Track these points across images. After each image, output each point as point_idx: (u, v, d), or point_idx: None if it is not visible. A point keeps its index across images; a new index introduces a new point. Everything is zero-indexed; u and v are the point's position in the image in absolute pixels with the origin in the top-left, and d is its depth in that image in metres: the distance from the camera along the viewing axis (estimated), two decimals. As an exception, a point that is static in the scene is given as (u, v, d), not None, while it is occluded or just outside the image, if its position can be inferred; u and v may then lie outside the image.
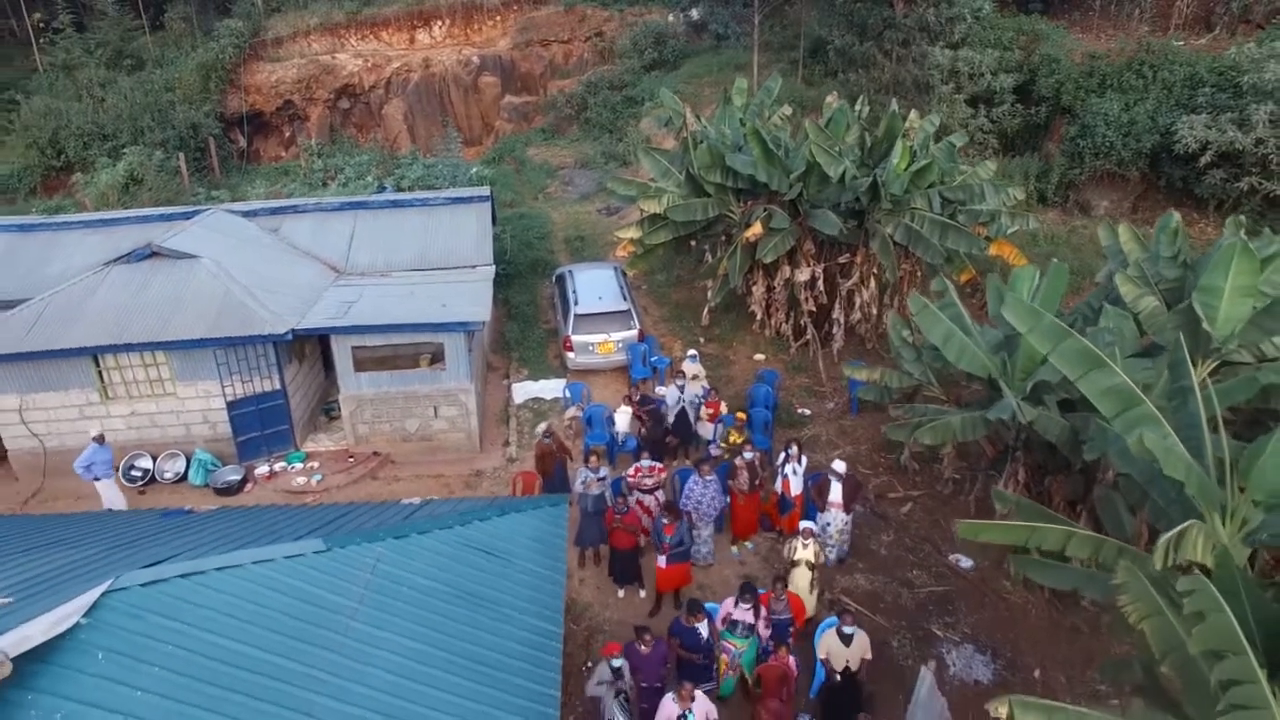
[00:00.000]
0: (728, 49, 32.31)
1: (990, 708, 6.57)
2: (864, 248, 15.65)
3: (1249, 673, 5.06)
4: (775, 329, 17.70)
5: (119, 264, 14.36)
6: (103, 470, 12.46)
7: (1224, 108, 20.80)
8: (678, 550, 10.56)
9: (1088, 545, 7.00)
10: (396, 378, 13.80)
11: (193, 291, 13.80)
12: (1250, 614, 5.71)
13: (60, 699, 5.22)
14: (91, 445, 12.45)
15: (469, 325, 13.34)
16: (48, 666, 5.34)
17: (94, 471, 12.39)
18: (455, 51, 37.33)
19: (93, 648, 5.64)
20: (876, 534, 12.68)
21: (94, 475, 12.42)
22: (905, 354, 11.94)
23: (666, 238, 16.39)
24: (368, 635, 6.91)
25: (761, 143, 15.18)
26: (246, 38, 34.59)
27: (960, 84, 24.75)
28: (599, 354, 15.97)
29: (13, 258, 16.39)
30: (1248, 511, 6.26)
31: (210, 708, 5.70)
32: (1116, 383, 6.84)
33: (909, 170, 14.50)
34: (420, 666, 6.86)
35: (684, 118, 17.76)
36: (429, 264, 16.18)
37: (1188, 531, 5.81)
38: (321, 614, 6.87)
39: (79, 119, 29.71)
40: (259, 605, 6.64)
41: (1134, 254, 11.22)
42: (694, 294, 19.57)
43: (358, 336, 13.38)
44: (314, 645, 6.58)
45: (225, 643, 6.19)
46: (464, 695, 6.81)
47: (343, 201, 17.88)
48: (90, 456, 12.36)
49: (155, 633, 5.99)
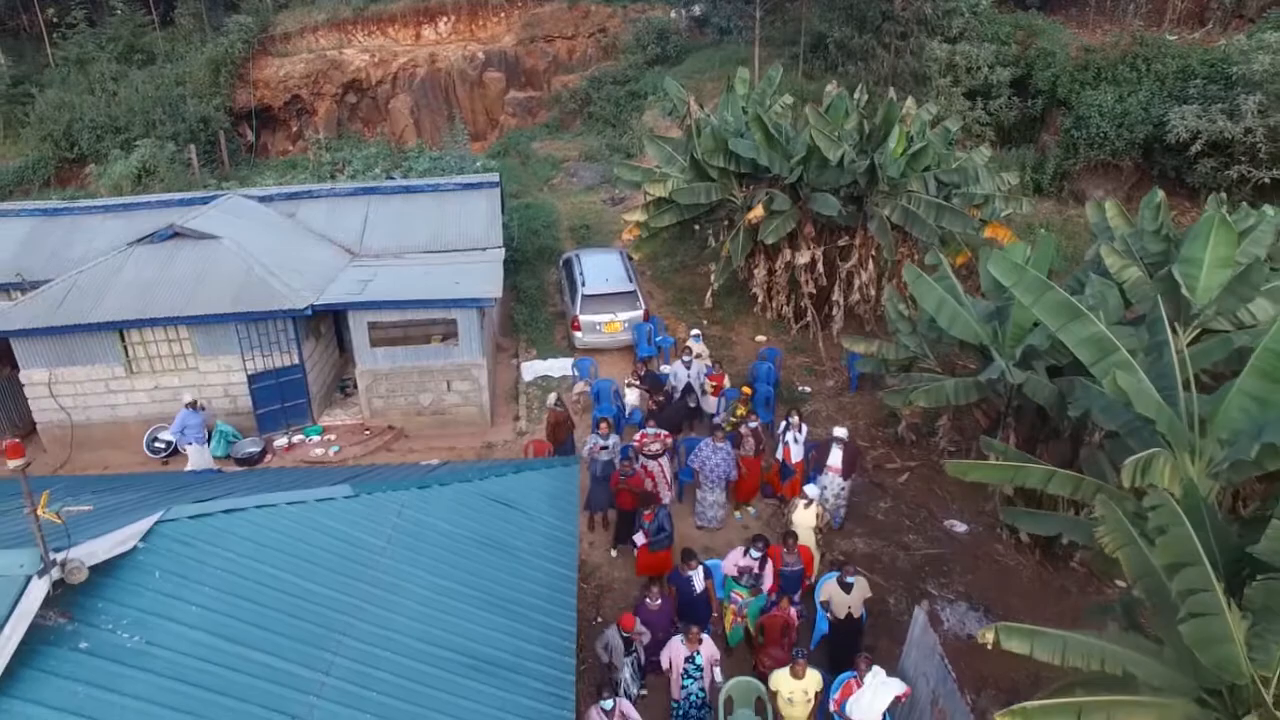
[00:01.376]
0: (729, 44, 32.79)
1: (979, 635, 7.08)
2: (862, 230, 16.16)
3: (1205, 581, 5.56)
4: (776, 311, 18.20)
5: (142, 244, 14.86)
6: (194, 435, 13.17)
7: (1215, 99, 21.30)
8: (658, 538, 10.67)
9: (1068, 483, 7.51)
10: (411, 353, 14.30)
11: (215, 269, 14.30)
12: (1212, 539, 6.21)
13: (126, 608, 5.71)
14: (184, 410, 13.21)
15: (481, 301, 13.84)
16: (114, 580, 5.83)
17: (186, 436, 13.11)
18: (461, 47, 37.83)
19: (150, 567, 6.13)
20: (874, 501, 13.18)
21: (186, 440, 13.13)
22: (901, 327, 12.43)
23: (671, 220, 16.88)
24: (397, 571, 7.40)
25: (763, 128, 15.68)
26: (255, 33, 35.07)
27: (958, 77, 25.27)
28: (606, 333, 16.47)
29: (37, 240, 16.90)
30: (1213, 450, 6.74)
31: (257, 624, 6.18)
32: (1094, 332, 7.34)
33: (905, 154, 14.99)
34: (449, 601, 7.35)
35: (688, 106, 18.26)
36: (441, 246, 16.68)
37: (1155, 458, 6.31)
38: (353, 550, 7.36)
39: (92, 112, 30.22)
40: (296, 539, 7.13)
41: (1120, 229, 11.73)
42: (697, 279, 20.06)
43: (374, 312, 13.88)
44: (348, 577, 7.07)
45: (267, 570, 6.68)
46: (490, 628, 7.30)
47: (356, 187, 18.41)
48: (183, 421, 13.11)
49: (204, 558, 6.48)
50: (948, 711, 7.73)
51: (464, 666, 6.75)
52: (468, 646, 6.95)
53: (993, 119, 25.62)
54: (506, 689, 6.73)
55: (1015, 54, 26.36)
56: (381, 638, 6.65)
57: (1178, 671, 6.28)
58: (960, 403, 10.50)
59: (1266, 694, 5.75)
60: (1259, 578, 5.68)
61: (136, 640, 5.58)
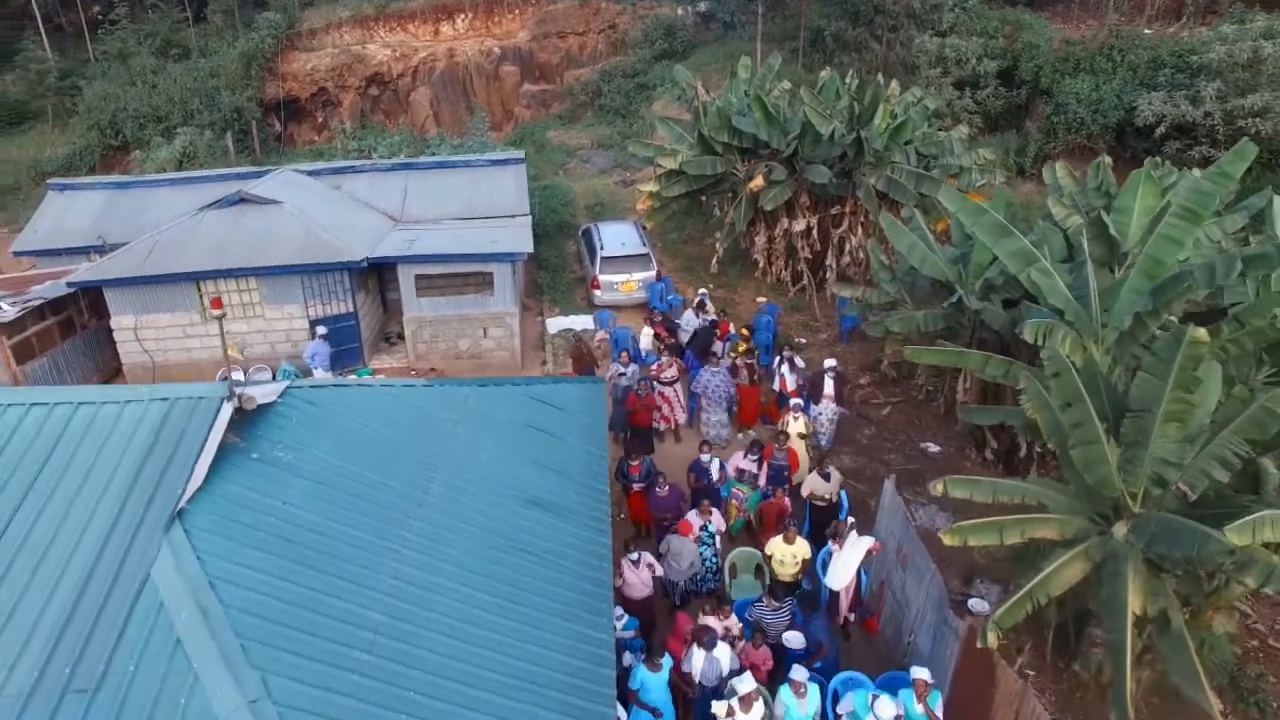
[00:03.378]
0: (733, 39, 34.68)
1: (930, 487, 8.97)
2: (852, 198, 18.04)
3: (1087, 416, 7.44)
4: (776, 276, 20.08)
5: (212, 209, 16.78)
6: (320, 362, 15.17)
7: (1180, 86, 23.15)
8: (647, 485, 11.69)
9: (1001, 366, 9.40)
10: (451, 302, 16.21)
11: (277, 230, 16.21)
12: (1104, 396, 8.08)
13: (276, 439, 7.60)
14: (317, 339, 15.32)
15: (515, 255, 15.77)
16: (266, 420, 7.72)
17: (315, 362, 15.10)
18: (478, 43, 39.78)
19: (288, 414, 8.02)
20: (860, 429, 15.06)
21: (315, 365, 15.11)
22: (883, 275, 14.29)
23: (681, 191, 18.77)
24: (468, 439, 9.30)
25: (763, 107, 17.58)
26: (283, 29, 37.03)
27: (947, 68, 27.13)
28: (622, 291, 18.38)
29: (112, 209, 18.87)
30: (1109, 336, 8.62)
31: (370, 458, 8.09)
32: (1022, 246, 9.23)
33: (889, 129, 16.87)
34: (508, 461, 9.24)
35: (695, 90, 20.16)
36: (474, 214, 18.61)
37: (1055, 328, 8.19)
38: (434, 420, 9.27)
39: (135, 102, 32.20)
40: (392, 408, 9.03)
41: (1069, 187, 13.59)
42: (704, 249, 21.92)
43: (421, 265, 15.81)
44: (432, 438, 8.97)
45: (373, 426, 8.60)
46: (543, 480, 9.16)
47: (395, 163, 20.35)
48: (315, 349, 15.19)
49: (324, 415, 8.37)
50: (909, 555, 9.61)
51: (523, 503, 8.64)
52: (526, 491, 8.83)
53: (980, 108, 27.44)
54: (557, 521, 8.62)
55: (1002, 47, 28.18)
56: (459, 482, 8.54)
57: (1075, 500, 8.16)
58: (928, 329, 12.34)
59: (1133, 505, 7.63)
60: (1127, 415, 7.55)
61: (290, 458, 7.49)
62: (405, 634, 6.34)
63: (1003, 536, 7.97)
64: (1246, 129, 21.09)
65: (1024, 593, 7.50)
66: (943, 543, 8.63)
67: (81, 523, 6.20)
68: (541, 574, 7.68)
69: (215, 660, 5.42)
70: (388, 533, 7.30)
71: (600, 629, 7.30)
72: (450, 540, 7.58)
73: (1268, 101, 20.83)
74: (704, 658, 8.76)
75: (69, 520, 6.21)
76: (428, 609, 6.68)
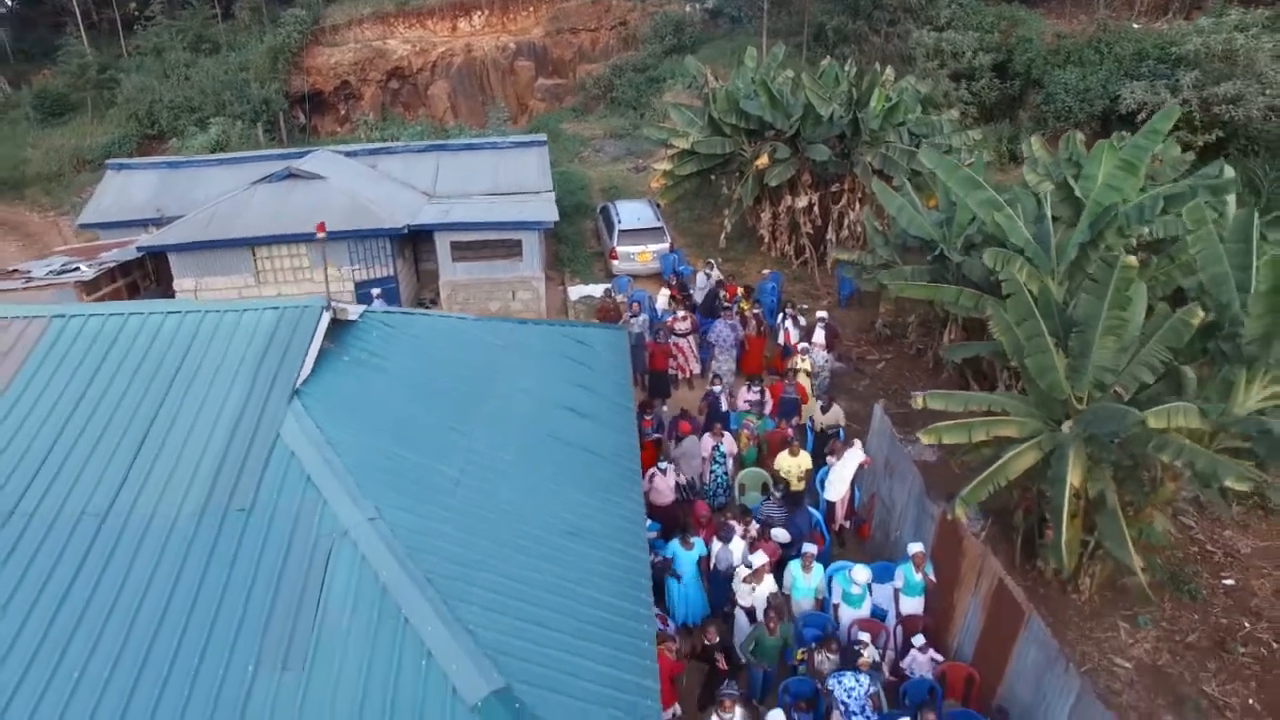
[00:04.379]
0: (740, 35, 36.18)
1: (911, 401, 10.47)
2: (850, 176, 19.54)
3: (1038, 330, 8.94)
4: (780, 250, 21.58)
5: (263, 183, 18.35)
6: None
7: (1162, 76, 24.62)
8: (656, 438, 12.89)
9: (971, 299, 10.91)
10: (483, 267, 17.76)
11: (324, 201, 17.76)
12: (1056, 319, 9.57)
13: (361, 347, 9.13)
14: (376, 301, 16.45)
15: (542, 224, 17.34)
16: (350, 333, 9.26)
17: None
18: (494, 38, 41.38)
19: (368, 330, 9.54)
20: (856, 381, 16.56)
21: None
22: (877, 240, 15.78)
23: (692, 169, 20.30)
24: (513, 362, 10.81)
25: (768, 91, 19.09)
26: (308, 25, 38.65)
27: (944, 61, 28.62)
28: (638, 262, 19.91)
29: (166, 186, 20.48)
30: (1061, 269, 10.12)
31: (435, 369, 9.62)
32: (990, 196, 10.74)
33: (883, 110, 18.38)
34: (549, 379, 10.74)
35: (705, 78, 21.69)
36: (500, 190, 20.15)
37: (1013, 258, 9.69)
38: (484, 347, 10.77)
39: (170, 94, 33.87)
40: (449, 334, 10.58)
41: (1043, 158, 15.09)
42: (713, 228, 23.42)
43: (456, 233, 17.38)
44: (484, 359, 10.48)
45: (436, 344, 10.14)
46: (579, 396, 10.63)
47: (426, 144, 21.93)
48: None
49: (397, 332, 9.90)
50: (895, 465, 11.11)
51: (562, 409, 10.13)
52: (563, 401, 10.32)
53: (976, 98, 28.92)
54: (591, 424, 10.12)
55: (997, 41, 29.68)
56: (509, 390, 10.06)
57: (1033, 406, 9.66)
58: (915, 282, 13.82)
59: (1079, 406, 9.13)
60: (1073, 331, 9.05)
61: (374, 361, 9.04)
62: (479, 486, 7.89)
63: (971, 434, 9.47)
64: (1221, 115, 22.57)
65: (987, 475, 9.00)
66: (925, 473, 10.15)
67: (223, 395, 7.75)
68: (581, 459, 9.21)
69: (338, 490, 6.95)
70: (457, 422, 8.84)
71: (632, 499, 8.83)
72: (506, 431, 9.12)
73: (1240, 89, 22.27)
74: (720, 548, 10.30)
75: (213, 393, 7.77)
76: (496, 473, 8.22)
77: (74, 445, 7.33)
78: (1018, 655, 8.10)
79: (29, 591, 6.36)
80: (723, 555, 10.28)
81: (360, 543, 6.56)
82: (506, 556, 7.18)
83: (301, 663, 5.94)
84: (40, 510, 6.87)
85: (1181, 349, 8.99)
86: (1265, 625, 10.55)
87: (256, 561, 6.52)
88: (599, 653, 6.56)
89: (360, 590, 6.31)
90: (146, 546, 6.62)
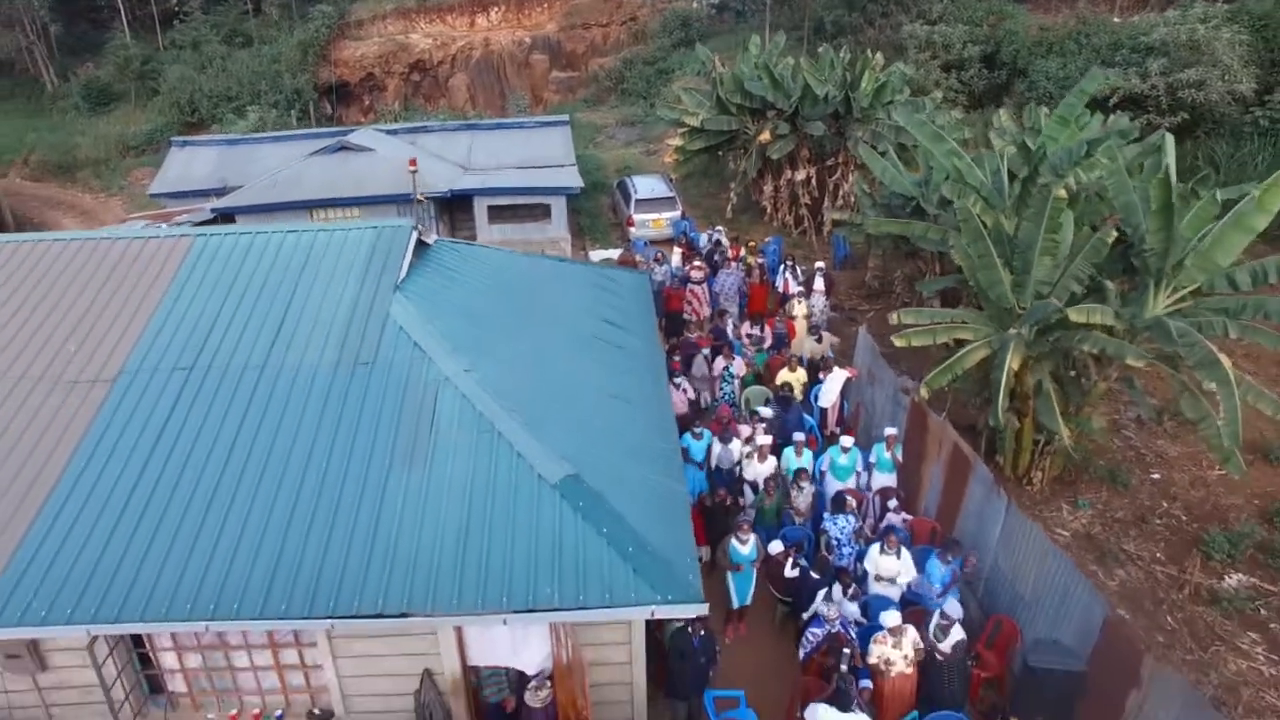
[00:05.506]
0: (744, 29, 38.30)
1: (889, 317, 12.57)
2: (844, 150, 21.66)
3: (988, 250, 11.03)
4: (781, 221, 23.69)
5: (318, 154, 20.54)
6: None
7: (1134, 64, 26.71)
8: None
9: (939, 232, 13.02)
10: (516, 229, 19.91)
11: (373, 170, 19.95)
12: (1006, 245, 11.67)
13: (439, 262, 11.28)
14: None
15: (569, 189, 19.52)
16: (430, 253, 11.40)
17: None
18: (510, 33, 43.61)
19: (441, 253, 11.70)
20: (849, 326, 18.66)
21: None
22: (865, 201, 17.87)
23: (701, 145, 22.44)
24: (556, 287, 12.94)
25: (770, 74, 21.22)
26: (335, 20, 40.90)
27: (936, 52, 30.74)
28: (652, 229, 22.04)
29: (226, 161, 22.66)
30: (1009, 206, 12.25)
31: (497, 283, 11.76)
32: (952, 147, 12.85)
33: (873, 90, 20.50)
34: (586, 302, 12.85)
35: (713, 63, 23.84)
36: (528, 164, 22.30)
37: (967, 191, 11.81)
38: (531, 275, 12.92)
39: (209, 84, 36.11)
40: (504, 262, 12.72)
41: (1009, 128, 17.20)
42: (719, 202, 25.52)
43: (492, 197, 19.53)
44: (532, 285, 12.63)
45: (495, 268, 12.27)
46: (612, 319, 12.76)
47: (459, 123, 24.12)
48: None
49: (464, 257, 12.06)
50: (876, 375, 13.23)
51: (598, 320, 12.26)
52: (600, 315, 12.44)
53: (965, 87, 31.04)
54: (624, 334, 12.25)
55: (986, 34, 31.79)
56: (556, 304, 12.20)
57: (987, 318, 11.77)
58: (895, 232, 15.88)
59: (1021, 314, 11.22)
60: (1016, 252, 11.15)
61: (450, 273, 11.19)
62: (540, 360, 10.06)
63: (935, 338, 11.58)
64: (1184, 99, 24.67)
65: (946, 364, 11.11)
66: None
67: (341, 286, 9.92)
68: (616, 353, 11.36)
69: (439, 351, 9.10)
70: (518, 317, 11.02)
71: (658, 382, 11.00)
72: (556, 328, 11.32)
73: (1202, 75, 24.35)
74: (721, 449, 12.39)
75: (333, 285, 9.94)
76: (552, 353, 10.41)
77: (232, 319, 9.53)
78: (968, 498, 10.18)
79: (216, 417, 8.53)
80: (724, 455, 12.33)
81: (459, 386, 8.72)
82: (568, 404, 9.34)
83: (424, 462, 8.08)
84: (215, 364, 9.05)
85: (1104, 265, 11.07)
86: (1179, 505, 12.65)
87: (382, 398, 8.67)
88: (640, 467, 8.71)
89: (462, 416, 8.46)
90: (298, 387, 8.79)
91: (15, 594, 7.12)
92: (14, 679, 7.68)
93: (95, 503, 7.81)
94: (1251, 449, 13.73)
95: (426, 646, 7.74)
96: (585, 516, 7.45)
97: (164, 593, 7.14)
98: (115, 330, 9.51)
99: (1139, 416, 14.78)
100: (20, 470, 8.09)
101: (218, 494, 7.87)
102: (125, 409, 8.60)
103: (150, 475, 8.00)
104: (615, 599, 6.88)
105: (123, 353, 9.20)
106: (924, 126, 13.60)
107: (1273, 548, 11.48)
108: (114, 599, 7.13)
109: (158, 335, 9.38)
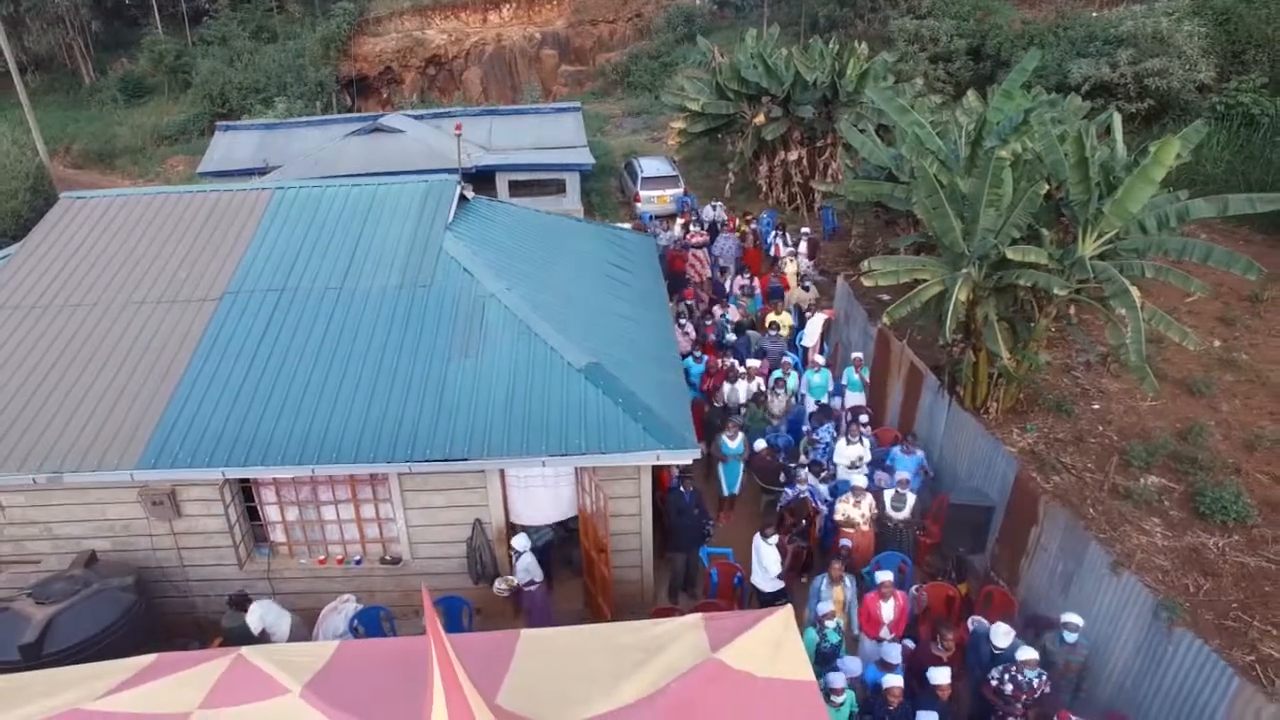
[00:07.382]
0: (743, 24, 40.34)
1: (860, 266, 14.63)
2: (833, 133, 23.71)
3: (941, 201, 13.07)
4: (775, 199, 25.75)
5: (354, 136, 22.65)
6: None
7: (1105, 55, 28.71)
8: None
9: (904, 190, 15.06)
10: (534, 202, 21.92)
11: (404, 149, 22.05)
12: (960, 202, 13.70)
13: (477, 213, 13.35)
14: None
15: (582, 165, 21.62)
16: (469, 206, 13.48)
17: None
18: (521, 29, 45.73)
19: (476, 207, 13.77)
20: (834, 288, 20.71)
21: None
22: (848, 174, 19.91)
23: (702, 128, 24.52)
24: (574, 244, 14.98)
25: (765, 62, 23.28)
26: (355, 16, 43.03)
27: (923, 45, 32.76)
28: (657, 205, 24.13)
29: (266, 143, 24.79)
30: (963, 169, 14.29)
31: (526, 232, 13.82)
32: (916, 118, 14.89)
33: (858, 76, 22.55)
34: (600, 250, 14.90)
35: (713, 54, 25.91)
36: (544, 145, 24.39)
37: (925, 153, 13.85)
38: (553, 231, 14.95)
39: (238, 77, 38.27)
40: (529, 219, 14.77)
41: (975, 106, 19.23)
42: (718, 184, 27.61)
43: (513, 173, 21.62)
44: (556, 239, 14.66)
45: (522, 220, 14.32)
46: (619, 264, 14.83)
47: (481, 109, 26.20)
48: None
49: (497, 210, 14.13)
50: (851, 315, 15.28)
51: (611, 265, 14.30)
52: (612, 261, 14.50)
53: (952, 79, 33.04)
54: (632, 277, 14.29)
55: (972, 28, 33.81)
56: (575, 250, 14.24)
57: (944, 262, 13.81)
58: (873, 198, 17.90)
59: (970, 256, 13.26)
60: (965, 204, 13.19)
61: (485, 222, 13.26)
62: (565, 289, 12.14)
63: (898, 277, 13.62)
64: (1150, 86, 26.66)
65: (905, 298, 13.15)
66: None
67: (400, 226, 12.01)
68: (627, 290, 13.41)
69: (485, 275, 11.18)
70: (544, 255, 13.09)
71: (662, 314, 13.05)
72: (576, 267, 13.37)
73: (1165, 65, 26.33)
74: (729, 388, 14.43)
75: (394, 225, 12.02)
76: (574, 284, 12.48)
77: (312, 252, 11.62)
78: (921, 405, 12.22)
79: (306, 324, 10.63)
80: (731, 396, 14.38)
81: (503, 300, 10.80)
82: (589, 322, 11.43)
83: (476, 353, 10.16)
84: (301, 285, 11.15)
85: (1041, 214, 13.09)
86: (1113, 429, 14.66)
87: (439, 310, 10.76)
88: (647, 365, 10.78)
89: (505, 321, 10.55)
90: (370, 303, 10.89)
91: (166, 447, 9.21)
92: (157, 524, 9.75)
93: (217, 385, 9.89)
94: (1177, 385, 15.81)
95: (478, 499, 9.81)
96: (605, 391, 9.52)
97: (277, 447, 9.22)
98: (216, 262, 11.60)
99: (1088, 360, 16.82)
100: (155, 363, 10.18)
101: (312, 378, 9.95)
102: (232, 318, 10.69)
103: (258, 364, 10.09)
104: (629, 446, 8.95)
105: (225, 278, 11.29)
106: (892, 101, 15.65)
107: (1181, 456, 13.52)
108: (238, 453, 9.21)
109: (252, 264, 11.47)
